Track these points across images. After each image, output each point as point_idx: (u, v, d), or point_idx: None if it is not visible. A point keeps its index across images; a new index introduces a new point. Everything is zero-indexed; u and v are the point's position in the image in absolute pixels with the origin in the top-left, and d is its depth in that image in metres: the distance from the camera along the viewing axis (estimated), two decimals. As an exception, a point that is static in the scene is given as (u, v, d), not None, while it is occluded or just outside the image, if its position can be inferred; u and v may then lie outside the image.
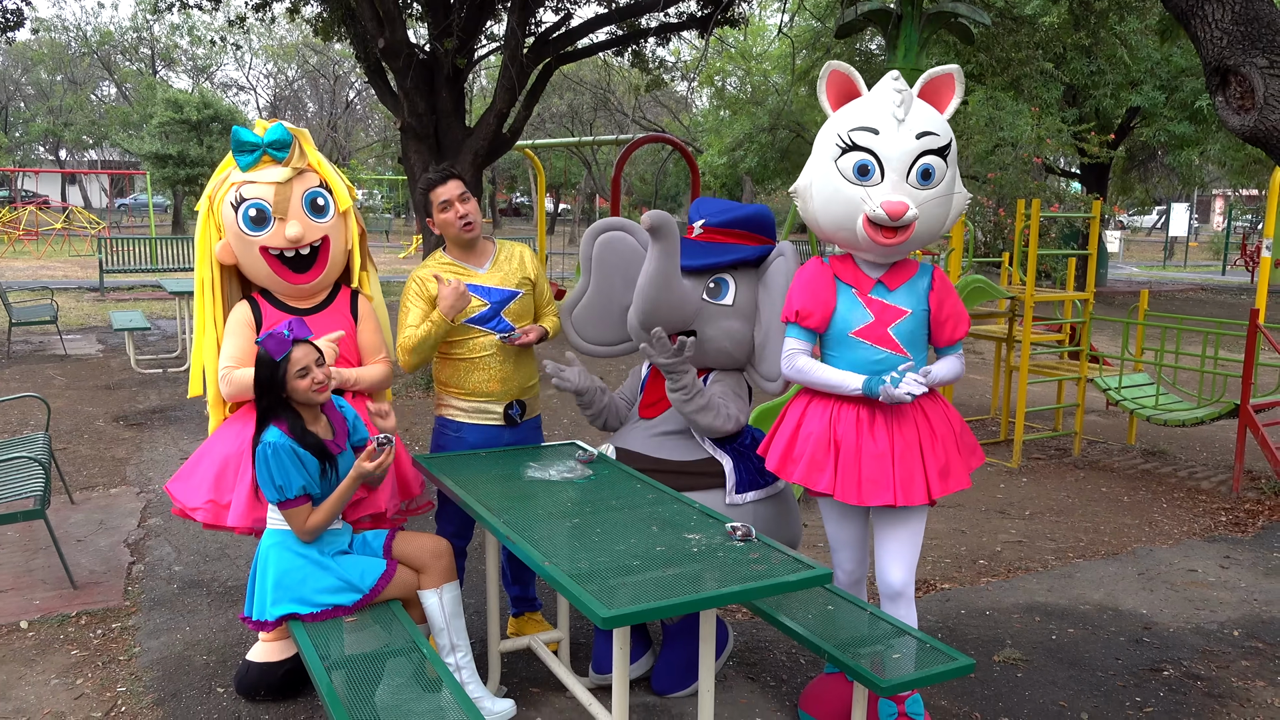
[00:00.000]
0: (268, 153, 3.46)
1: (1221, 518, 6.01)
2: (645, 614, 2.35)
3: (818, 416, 3.25)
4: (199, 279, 3.59)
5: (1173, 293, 20.83)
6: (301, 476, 3.10)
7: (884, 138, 3.05)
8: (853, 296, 3.23)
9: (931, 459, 3.15)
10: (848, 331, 3.21)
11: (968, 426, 3.32)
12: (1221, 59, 3.48)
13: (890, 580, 3.27)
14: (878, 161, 3.05)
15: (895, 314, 3.20)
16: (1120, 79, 15.58)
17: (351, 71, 35.21)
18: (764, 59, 22.90)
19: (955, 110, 3.27)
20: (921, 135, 3.06)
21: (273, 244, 3.45)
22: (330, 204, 3.59)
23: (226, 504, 3.42)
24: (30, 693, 3.63)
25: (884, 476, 3.12)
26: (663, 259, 3.35)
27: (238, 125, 3.51)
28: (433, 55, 8.65)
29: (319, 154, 3.63)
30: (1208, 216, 49.11)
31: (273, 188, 3.45)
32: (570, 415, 8.27)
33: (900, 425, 3.16)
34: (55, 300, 11.72)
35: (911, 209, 3.03)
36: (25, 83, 41.52)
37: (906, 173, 3.06)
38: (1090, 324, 7.60)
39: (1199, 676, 3.94)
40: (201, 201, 3.57)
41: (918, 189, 3.08)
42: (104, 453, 6.85)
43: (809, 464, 3.22)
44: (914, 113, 3.08)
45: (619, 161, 9.51)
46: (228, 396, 3.53)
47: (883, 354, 3.18)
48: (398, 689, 2.77)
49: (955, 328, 3.25)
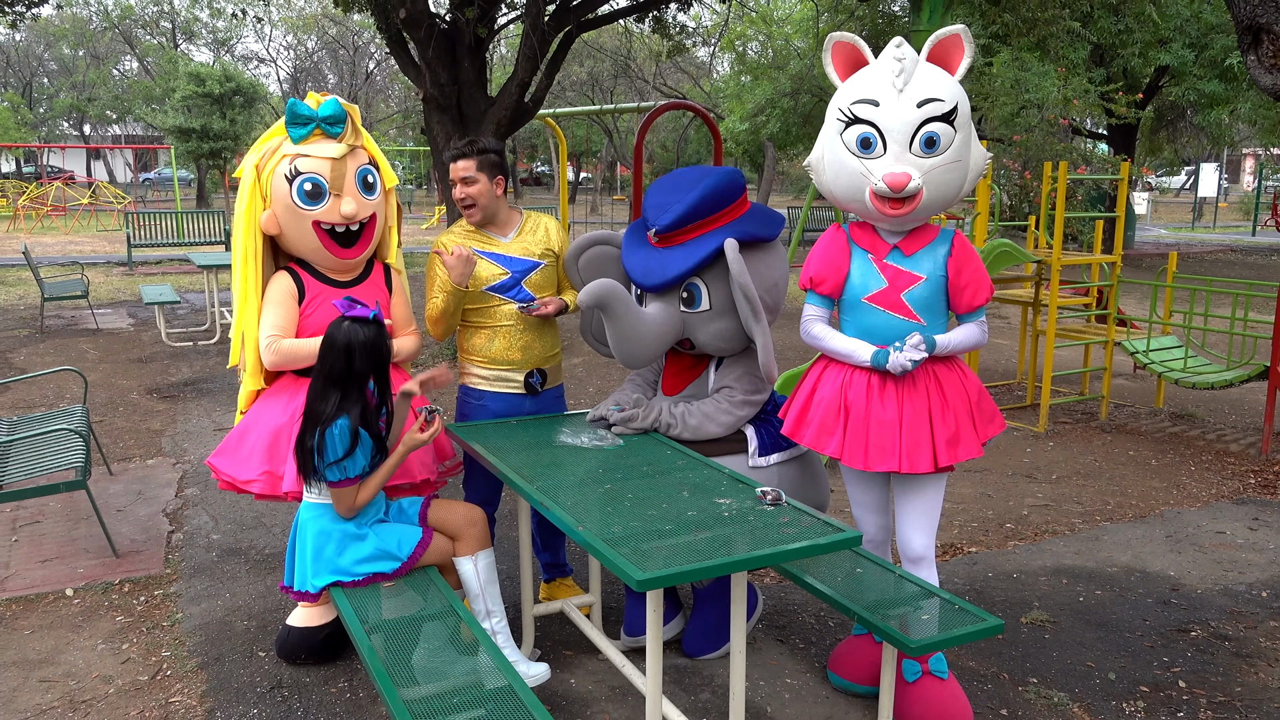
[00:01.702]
0: (321, 127, 3.49)
1: (1250, 480, 6.00)
2: (679, 576, 2.40)
3: (831, 381, 3.29)
4: (243, 248, 3.58)
5: (1202, 254, 20.58)
6: (364, 459, 3.15)
7: (884, 109, 3.03)
8: (868, 262, 3.23)
9: (941, 427, 3.16)
10: (861, 297, 3.22)
11: (987, 393, 3.32)
12: (1254, 17, 3.44)
13: (911, 546, 3.31)
14: (879, 133, 3.04)
15: (909, 279, 3.19)
16: (1148, 37, 15.31)
17: (371, 42, 35.17)
18: (786, 23, 22.65)
19: (977, 70, 3.24)
20: (924, 103, 3.02)
21: (327, 219, 3.49)
22: (378, 181, 3.64)
23: (281, 474, 3.50)
24: (79, 657, 3.74)
25: (890, 443, 3.14)
26: (616, 322, 3.34)
27: (293, 98, 3.52)
28: (454, 25, 8.63)
29: (366, 132, 3.67)
30: (1238, 176, 48.34)
31: (329, 163, 3.48)
32: (596, 384, 8.33)
33: (911, 393, 3.17)
34: (85, 275, 11.85)
35: (914, 179, 3.02)
36: (49, 59, 41.77)
37: (909, 143, 3.04)
38: (1118, 287, 7.55)
39: (1227, 637, 3.96)
40: (245, 170, 3.56)
41: (923, 157, 3.05)
42: (139, 425, 6.97)
43: (819, 428, 3.26)
44: (916, 80, 3.05)
45: (641, 129, 9.47)
46: (272, 365, 3.56)
47: (896, 320, 3.18)
48: (435, 651, 2.84)
49: (975, 294, 3.22)
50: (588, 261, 3.70)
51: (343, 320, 3.13)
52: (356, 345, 3.09)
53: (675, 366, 3.71)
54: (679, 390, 3.68)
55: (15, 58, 40.74)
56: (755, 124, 20.26)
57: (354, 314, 3.14)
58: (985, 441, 3.26)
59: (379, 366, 3.17)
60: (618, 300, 3.30)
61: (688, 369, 3.68)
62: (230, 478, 3.60)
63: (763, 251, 3.48)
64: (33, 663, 3.69)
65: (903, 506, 3.32)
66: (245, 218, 3.56)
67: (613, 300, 3.29)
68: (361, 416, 3.14)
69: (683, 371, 3.68)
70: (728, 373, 3.59)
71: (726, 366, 3.61)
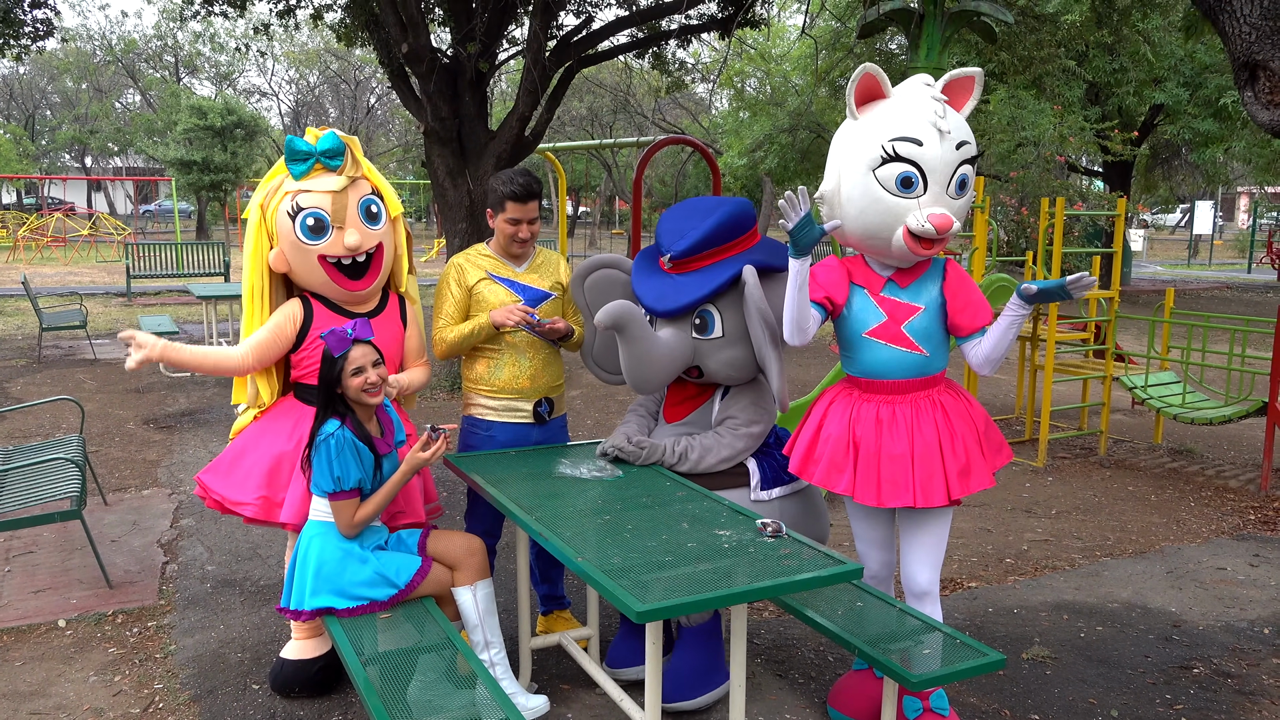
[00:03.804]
0: (320, 161, 3.49)
1: (1250, 516, 5.98)
2: (678, 608, 2.38)
3: (838, 417, 3.26)
4: (249, 286, 3.59)
5: (1198, 291, 20.66)
6: (359, 470, 3.16)
7: (928, 149, 3.02)
8: (865, 296, 3.22)
9: (952, 459, 3.13)
10: (862, 332, 3.21)
11: (993, 423, 3.31)
12: (1250, 54, 3.48)
13: (916, 580, 3.28)
14: (921, 174, 3.03)
15: (909, 311, 3.18)
16: (1143, 76, 15.46)
17: (372, 77, 35.45)
18: (784, 60, 22.87)
19: (974, 110, 3.27)
20: (961, 145, 3.06)
21: (331, 252, 3.48)
22: (382, 211, 3.64)
23: (280, 500, 3.47)
24: (70, 689, 3.69)
25: (903, 478, 3.11)
26: (631, 345, 3.33)
27: (291, 135, 3.53)
28: (456, 59, 8.71)
29: (367, 161, 3.68)
30: (1232, 214, 48.62)
31: (329, 196, 3.47)
32: (594, 416, 8.31)
33: (920, 425, 3.15)
34: (84, 305, 11.86)
35: (956, 222, 3.04)
36: (51, 91, 42.07)
37: (948, 184, 3.06)
38: (1115, 322, 7.57)
39: (1229, 674, 3.93)
40: (251, 210, 3.58)
41: (955, 199, 3.09)
42: (135, 455, 6.94)
43: (828, 465, 3.23)
44: (953, 120, 3.08)
45: (640, 164, 9.53)
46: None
47: (899, 352, 3.17)
48: (432, 684, 2.81)
49: (975, 316, 3.19)
50: (594, 284, 3.70)
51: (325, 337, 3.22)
52: (324, 358, 3.17)
53: (678, 395, 3.71)
54: (681, 418, 3.67)
55: (19, 90, 41.04)
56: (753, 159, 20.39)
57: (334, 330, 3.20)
58: (995, 471, 3.23)
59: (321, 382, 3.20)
60: (635, 322, 3.29)
61: (690, 397, 3.67)
62: (220, 497, 3.53)
63: (773, 281, 3.49)
64: (23, 694, 3.64)
65: (908, 541, 3.29)
66: (253, 258, 3.56)
67: (630, 322, 3.28)
68: (359, 432, 3.15)
69: (685, 400, 3.67)
70: (733, 403, 3.58)
71: (732, 397, 3.60)
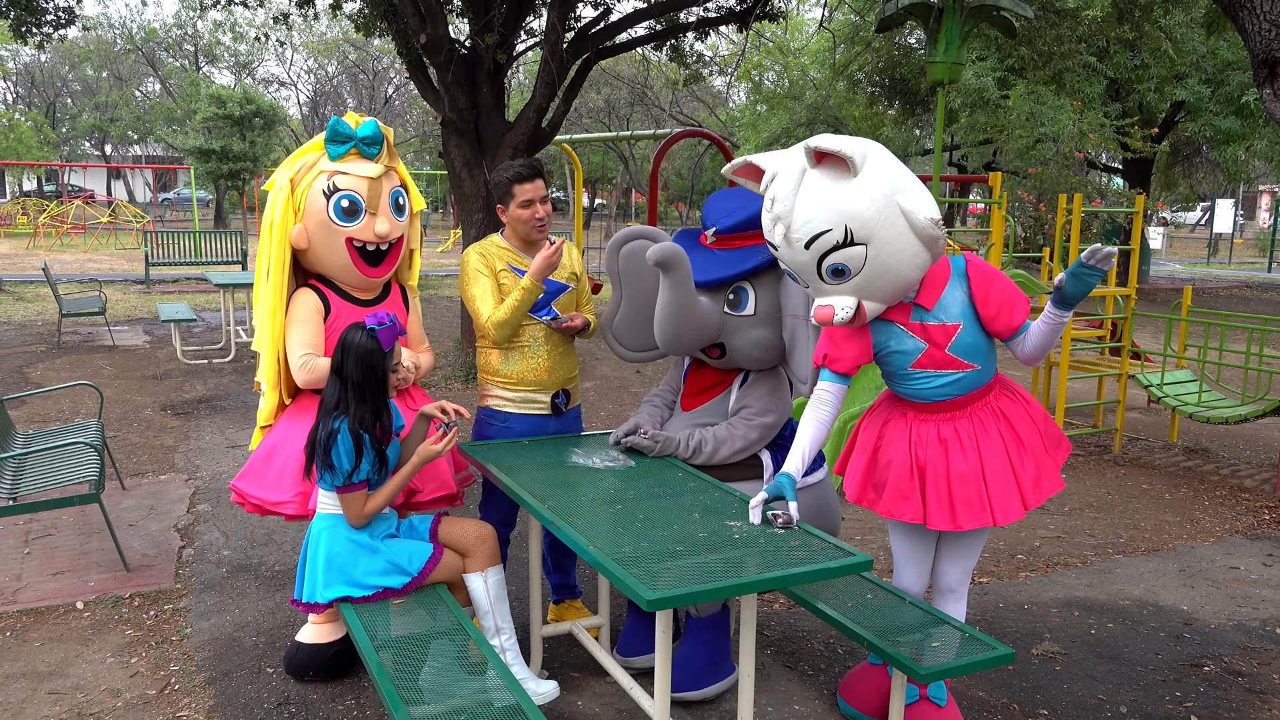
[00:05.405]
0: (358, 147, 3.54)
1: (1265, 516, 5.95)
2: (689, 597, 2.40)
3: (896, 441, 3.12)
4: (271, 261, 3.56)
5: (1217, 289, 20.51)
6: (369, 463, 3.18)
7: (783, 255, 2.89)
8: (896, 329, 3.02)
9: (1023, 470, 3.01)
10: (907, 366, 3.03)
11: (1050, 417, 3.16)
12: (1270, 51, 3.46)
13: (946, 576, 3.28)
14: (793, 274, 2.95)
15: (947, 332, 2.97)
16: (1164, 73, 15.35)
17: (390, 67, 35.51)
18: (802, 54, 22.81)
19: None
20: (809, 243, 2.77)
21: (361, 237, 3.53)
22: (408, 204, 3.71)
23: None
24: (88, 670, 3.74)
25: (977, 497, 2.98)
26: (675, 290, 3.33)
27: (335, 116, 3.57)
28: (473, 50, 8.72)
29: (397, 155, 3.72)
30: (1253, 213, 48.22)
31: (366, 182, 3.52)
32: (608, 408, 8.33)
33: (986, 440, 3.01)
34: (103, 292, 11.95)
35: (838, 311, 2.83)
36: (72, 79, 42.33)
37: (819, 278, 2.86)
38: (1132, 320, 7.53)
39: (1240, 673, 3.92)
40: (278, 183, 3.57)
41: (839, 284, 2.85)
42: (153, 440, 7.00)
43: (894, 494, 3.09)
44: (796, 221, 2.78)
45: (657, 156, 9.54)
46: (305, 384, 3.53)
47: (950, 375, 3.00)
48: (444, 669, 2.84)
49: (1011, 315, 2.96)
50: (628, 254, 3.71)
51: (358, 325, 3.19)
52: (352, 349, 3.15)
53: (695, 385, 3.72)
54: (697, 407, 3.69)
55: (40, 78, 41.31)
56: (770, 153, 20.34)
57: (369, 320, 3.19)
58: (1060, 468, 3.11)
59: (369, 376, 3.17)
60: (684, 265, 3.30)
61: (708, 387, 3.68)
62: (259, 500, 3.56)
63: None
64: (42, 675, 3.70)
65: (949, 544, 3.26)
66: (278, 231, 3.53)
67: (680, 263, 3.28)
68: (361, 422, 3.16)
69: (703, 390, 3.69)
70: (750, 392, 3.60)
71: (750, 385, 3.62)
